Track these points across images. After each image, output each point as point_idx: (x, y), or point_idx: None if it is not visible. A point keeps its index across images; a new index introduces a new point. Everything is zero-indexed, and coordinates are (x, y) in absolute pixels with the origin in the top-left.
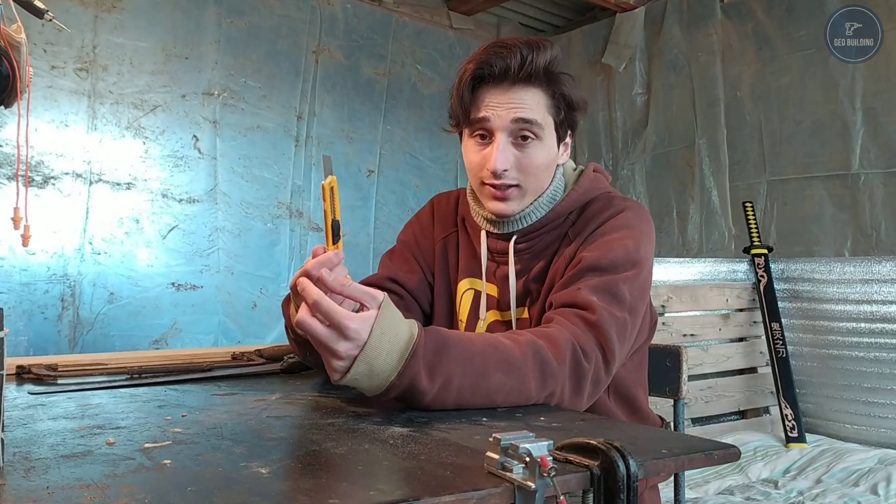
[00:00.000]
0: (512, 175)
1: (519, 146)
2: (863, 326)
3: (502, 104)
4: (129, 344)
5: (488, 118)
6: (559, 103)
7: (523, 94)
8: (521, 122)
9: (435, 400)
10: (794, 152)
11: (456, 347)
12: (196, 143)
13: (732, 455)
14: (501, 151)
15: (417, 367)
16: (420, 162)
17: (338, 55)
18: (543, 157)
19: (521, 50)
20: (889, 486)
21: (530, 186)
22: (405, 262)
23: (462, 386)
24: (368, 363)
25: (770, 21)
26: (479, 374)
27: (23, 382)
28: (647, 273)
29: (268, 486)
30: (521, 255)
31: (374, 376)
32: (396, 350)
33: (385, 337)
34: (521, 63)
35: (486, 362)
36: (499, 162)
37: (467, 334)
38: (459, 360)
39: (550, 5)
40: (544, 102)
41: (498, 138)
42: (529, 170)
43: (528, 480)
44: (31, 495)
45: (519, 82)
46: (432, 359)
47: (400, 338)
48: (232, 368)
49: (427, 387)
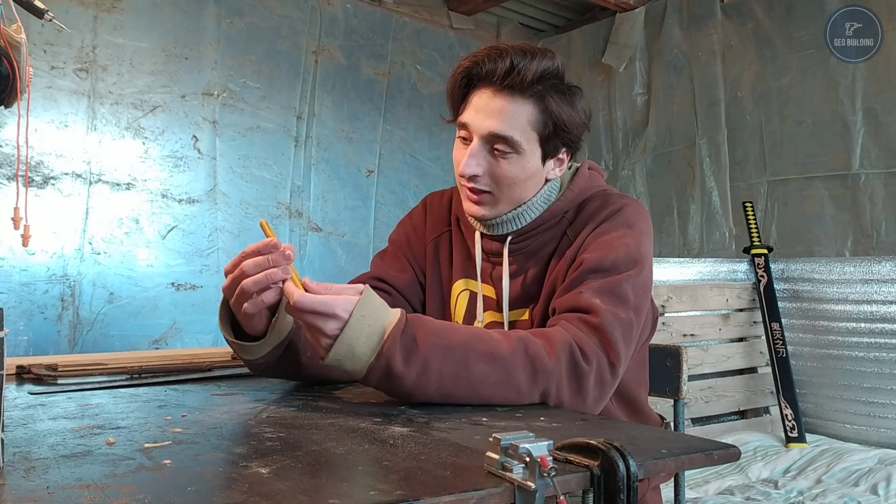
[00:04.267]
0: (484, 182)
1: (495, 156)
2: (863, 326)
3: (484, 111)
4: (129, 344)
5: (468, 123)
6: (548, 119)
7: (507, 105)
8: (494, 137)
9: (416, 387)
10: (794, 152)
11: (436, 335)
12: (196, 144)
13: (732, 455)
14: (473, 157)
15: (394, 348)
16: (420, 162)
17: (338, 55)
18: (519, 171)
19: (513, 57)
20: (889, 486)
21: (503, 196)
22: (396, 262)
23: (442, 373)
24: (350, 344)
25: (770, 21)
26: (459, 363)
27: (23, 382)
28: (648, 270)
29: (268, 486)
30: (516, 255)
31: (356, 358)
32: (377, 333)
33: (366, 320)
34: (509, 70)
35: (467, 351)
36: (468, 167)
37: (452, 325)
38: (439, 347)
39: (550, 5)
40: (529, 116)
41: (474, 143)
42: (502, 181)
43: (528, 480)
44: (31, 495)
45: (504, 91)
46: (409, 343)
47: (380, 322)
48: (232, 368)
49: (403, 370)
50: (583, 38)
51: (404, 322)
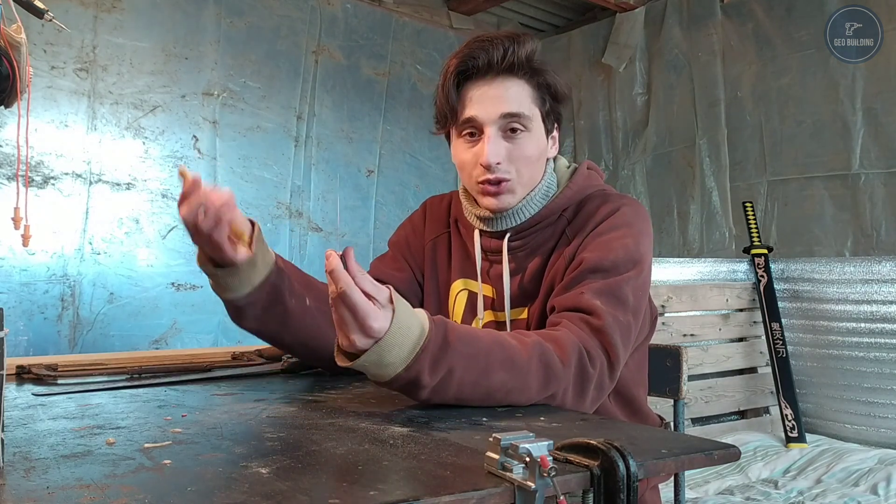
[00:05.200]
0: (504, 168)
1: (509, 139)
2: (863, 326)
3: (489, 99)
4: (129, 344)
5: (475, 116)
6: (544, 94)
7: (508, 87)
8: (508, 116)
9: (435, 392)
10: (794, 152)
11: (462, 342)
12: (196, 144)
13: (732, 455)
14: (493, 144)
15: (424, 362)
16: (420, 162)
17: (337, 55)
18: (534, 148)
19: (503, 42)
20: (889, 486)
21: (523, 179)
22: (394, 262)
23: (463, 381)
24: (379, 354)
25: (770, 21)
26: (481, 372)
27: (23, 382)
28: (647, 271)
29: (268, 486)
30: (516, 252)
31: (383, 367)
32: (407, 344)
33: (400, 332)
34: (504, 54)
35: (490, 360)
36: (491, 155)
37: (476, 330)
38: (464, 356)
39: (550, 5)
40: (529, 94)
41: (488, 132)
42: (521, 161)
43: (528, 480)
44: (31, 495)
45: (502, 74)
46: (438, 352)
47: (412, 332)
48: (232, 368)
49: (429, 381)
50: (583, 38)
51: (434, 330)
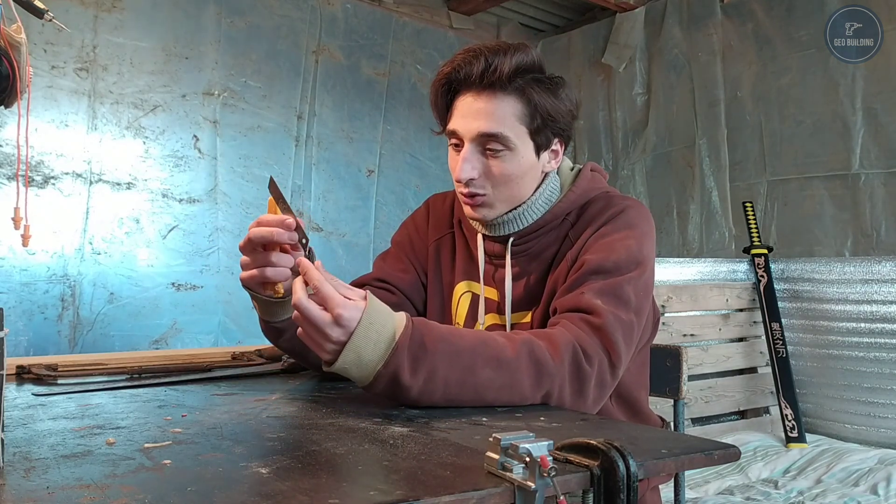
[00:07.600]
0: (479, 184)
1: (488, 156)
2: (863, 326)
3: (472, 114)
4: (129, 344)
5: (456, 130)
6: (533, 112)
7: (490, 104)
8: (486, 136)
9: (422, 394)
10: (794, 152)
11: (443, 341)
12: (196, 143)
13: (732, 455)
14: (467, 161)
15: (402, 357)
16: (420, 162)
17: (338, 55)
18: (514, 168)
19: (487, 55)
20: (889, 486)
21: (500, 196)
22: (399, 262)
23: (448, 379)
24: (357, 352)
25: (770, 21)
26: (466, 369)
27: (23, 382)
28: (650, 272)
29: (268, 486)
30: (519, 257)
31: (363, 365)
32: (384, 340)
33: (373, 327)
34: (485, 69)
35: (474, 357)
36: (463, 171)
37: (458, 329)
38: (445, 354)
39: (550, 5)
40: (514, 111)
41: (465, 147)
42: (498, 180)
43: (528, 480)
44: (31, 495)
45: (486, 90)
46: (417, 350)
47: (387, 328)
48: (232, 368)
49: (410, 381)
50: (583, 38)
51: (411, 328)
